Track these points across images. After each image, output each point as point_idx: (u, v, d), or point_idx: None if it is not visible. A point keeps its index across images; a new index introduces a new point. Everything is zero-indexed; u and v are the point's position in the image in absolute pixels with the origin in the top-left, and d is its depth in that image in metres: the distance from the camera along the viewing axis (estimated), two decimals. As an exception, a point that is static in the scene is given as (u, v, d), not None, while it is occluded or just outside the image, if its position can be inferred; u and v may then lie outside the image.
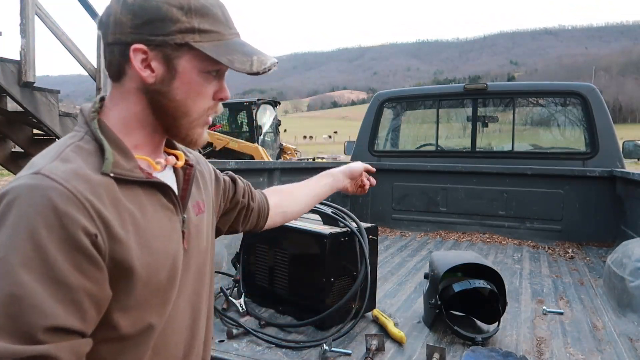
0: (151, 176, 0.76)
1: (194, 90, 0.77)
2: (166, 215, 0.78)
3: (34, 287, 0.59)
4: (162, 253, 0.74)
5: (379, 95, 4.47)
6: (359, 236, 1.79)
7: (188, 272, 0.83)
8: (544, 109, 4.27)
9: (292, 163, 4.59)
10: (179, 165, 0.86)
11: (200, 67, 0.76)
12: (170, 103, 0.76)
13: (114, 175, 0.70)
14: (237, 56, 0.76)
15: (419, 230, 3.96)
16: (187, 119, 0.78)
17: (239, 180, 1.14)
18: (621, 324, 1.83)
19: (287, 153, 13.46)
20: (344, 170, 1.41)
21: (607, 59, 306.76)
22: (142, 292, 0.71)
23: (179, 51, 0.74)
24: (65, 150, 0.71)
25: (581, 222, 3.54)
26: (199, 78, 0.77)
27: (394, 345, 1.61)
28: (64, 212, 0.62)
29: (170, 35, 0.73)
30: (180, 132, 0.79)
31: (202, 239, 0.88)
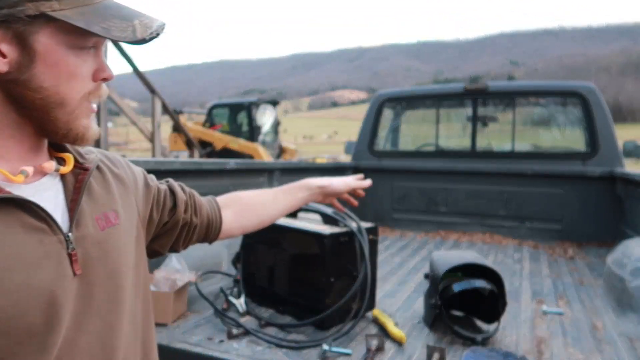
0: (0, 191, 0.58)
1: (64, 72, 0.60)
2: (33, 238, 0.60)
3: None
4: (24, 288, 0.57)
5: (379, 95, 4.47)
6: (359, 236, 1.79)
7: (90, 303, 0.65)
8: (544, 109, 4.27)
9: (292, 163, 4.59)
10: (64, 170, 0.68)
11: (69, 42, 0.60)
12: (35, 94, 0.60)
13: None
14: (114, 22, 0.60)
15: (419, 230, 3.96)
16: (63, 110, 0.62)
17: (179, 191, 0.95)
18: (621, 324, 1.83)
19: (287, 153, 13.47)
20: (323, 187, 1.24)
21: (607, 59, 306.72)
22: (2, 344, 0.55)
23: (34, 25, 0.57)
24: None
25: (581, 222, 3.54)
26: (69, 56, 0.60)
27: (394, 345, 1.61)
28: None
29: (18, 6, 0.56)
30: (58, 129, 0.63)
31: (113, 258, 0.70)
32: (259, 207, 1.09)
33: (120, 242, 0.72)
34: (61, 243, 0.63)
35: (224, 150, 11.23)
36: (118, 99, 5.09)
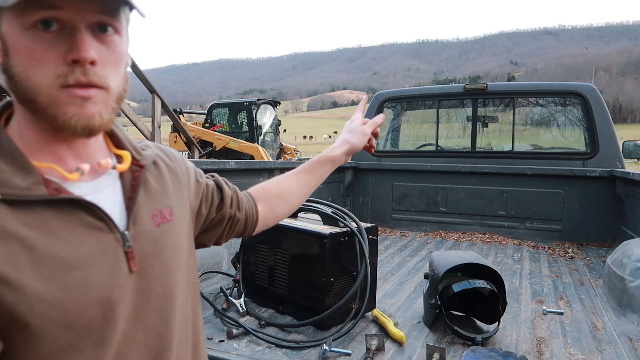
0: (60, 191, 0.60)
1: (24, 55, 0.57)
2: (91, 236, 0.61)
3: None
4: (83, 285, 0.59)
5: (379, 95, 4.47)
6: (359, 236, 1.79)
7: (147, 298, 0.67)
8: (544, 109, 4.27)
9: (292, 163, 4.59)
10: (121, 168, 0.69)
11: (18, 23, 0.57)
12: (13, 82, 0.59)
13: (2, 198, 0.56)
14: None
15: (419, 230, 3.96)
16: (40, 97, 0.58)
17: (225, 187, 0.96)
18: (621, 324, 1.83)
19: (287, 153, 13.46)
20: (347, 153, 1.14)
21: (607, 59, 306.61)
22: (63, 336, 0.57)
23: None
24: None
25: (581, 222, 3.54)
26: (24, 38, 0.57)
27: (394, 345, 1.61)
28: None
29: None
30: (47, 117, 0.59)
31: (167, 253, 0.71)
32: (287, 195, 1.07)
33: (174, 238, 0.73)
34: (118, 241, 0.64)
35: (224, 150, 11.22)
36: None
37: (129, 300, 0.64)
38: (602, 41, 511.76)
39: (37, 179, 0.59)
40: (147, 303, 0.67)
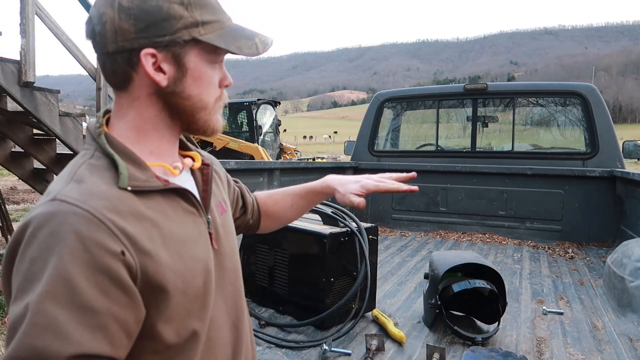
0: (168, 182, 0.74)
1: (205, 83, 0.75)
2: (190, 219, 0.75)
3: (58, 315, 0.57)
4: (193, 258, 0.73)
5: (379, 95, 4.47)
6: (359, 236, 1.79)
7: (224, 272, 0.82)
8: (544, 109, 4.27)
9: (292, 163, 4.59)
10: (196, 167, 0.83)
11: (208, 59, 0.75)
12: (186, 102, 0.75)
13: (131, 189, 0.68)
14: (242, 42, 0.75)
15: (419, 230, 3.96)
16: (205, 111, 0.77)
17: (247, 195, 1.10)
18: (621, 324, 1.83)
19: (287, 153, 13.47)
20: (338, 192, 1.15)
21: (607, 59, 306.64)
22: (181, 301, 0.69)
23: (186, 47, 0.72)
24: (78, 170, 0.69)
25: (581, 222, 3.54)
26: (208, 70, 0.75)
27: (394, 345, 1.61)
28: (85, 235, 0.60)
29: (177, 33, 0.70)
30: (200, 126, 0.78)
31: (230, 237, 0.87)
32: (281, 213, 1.19)
33: (231, 225, 0.90)
34: (204, 224, 0.79)
35: (223, 150, 11.23)
36: (118, 99, 5.09)
37: (217, 274, 0.79)
38: (602, 41, 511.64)
39: (151, 174, 0.72)
40: (223, 277, 0.82)
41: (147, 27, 0.69)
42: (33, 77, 4.01)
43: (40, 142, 5.05)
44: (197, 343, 0.73)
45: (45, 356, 0.56)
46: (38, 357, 0.56)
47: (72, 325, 0.57)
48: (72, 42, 4.51)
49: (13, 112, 4.27)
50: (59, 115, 4.37)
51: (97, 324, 0.59)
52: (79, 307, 0.58)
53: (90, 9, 0.72)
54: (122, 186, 0.67)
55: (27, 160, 5.48)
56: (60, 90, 4.55)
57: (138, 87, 0.73)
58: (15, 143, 5.13)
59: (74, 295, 0.58)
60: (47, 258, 0.59)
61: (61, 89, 4.63)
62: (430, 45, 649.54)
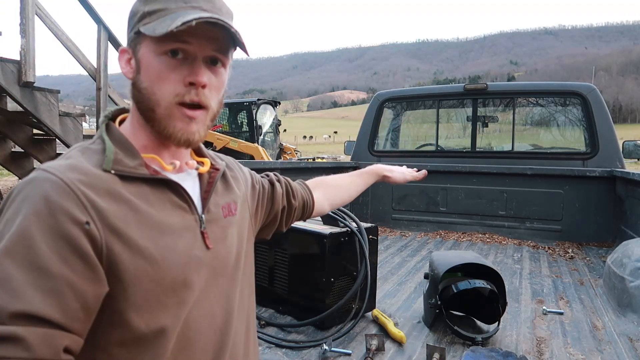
0: (158, 174, 0.75)
1: (153, 75, 0.74)
2: (177, 212, 0.76)
3: (14, 272, 0.58)
4: (171, 249, 0.73)
5: (379, 95, 4.47)
6: (359, 236, 1.79)
7: (215, 273, 0.81)
8: (544, 109, 4.27)
9: (292, 163, 4.59)
10: (202, 170, 0.85)
11: (154, 49, 0.73)
12: (140, 94, 0.75)
13: (115, 172, 0.71)
14: (164, 23, 0.71)
15: (419, 230, 3.96)
16: (158, 107, 0.74)
17: (277, 184, 1.11)
18: (621, 324, 1.83)
19: (287, 153, 13.46)
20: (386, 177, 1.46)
21: (607, 59, 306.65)
22: (153, 290, 0.69)
23: (138, 40, 0.75)
24: (72, 151, 0.74)
25: (581, 222, 3.54)
26: (156, 61, 0.73)
27: (394, 345, 1.61)
28: (52, 200, 0.62)
29: (134, 28, 0.75)
30: (158, 126, 0.75)
31: (233, 240, 0.86)
32: (341, 188, 1.31)
33: (237, 229, 0.89)
34: (196, 221, 0.79)
35: (224, 150, 11.22)
36: (118, 99, 5.08)
37: (203, 273, 0.78)
38: (602, 41, 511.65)
39: (141, 162, 0.74)
40: (215, 279, 0.80)
41: (128, 27, 0.77)
42: (33, 77, 4.01)
43: (40, 142, 5.06)
44: (166, 340, 0.72)
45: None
46: None
47: (24, 284, 0.58)
48: (72, 42, 4.51)
49: (13, 112, 4.26)
50: (59, 115, 4.37)
51: (51, 288, 0.59)
52: (35, 268, 0.59)
53: None
54: (106, 168, 0.70)
55: (27, 160, 5.48)
56: (60, 90, 4.55)
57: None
58: (15, 143, 5.13)
59: (31, 255, 0.59)
60: (15, 219, 0.62)
61: (61, 89, 4.63)
62: (430, 45, 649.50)
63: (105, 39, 4.69)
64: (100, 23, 4.64)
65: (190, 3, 0.74)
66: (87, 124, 14.12)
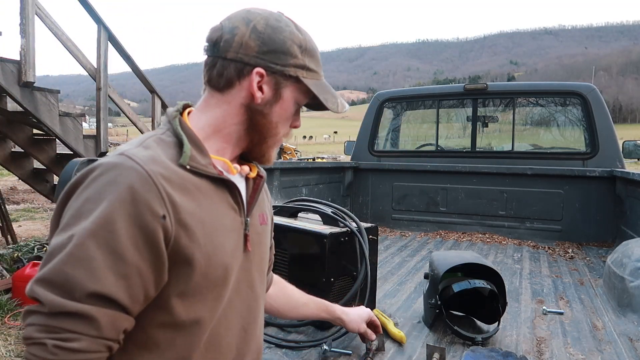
0: (223, 174, 0.81)
1: (285, 116, 0.86)
2: (230, 214, 0.82)
3: (94, 253, 0.64)
4: (222, 247, 0.78)
5: (379, 95, 4.47)
6: (358, 236, 1.79)
7: (249, 275, 0.87)
8: (544, 109, 4.27)
9: (292, 163, 4.59)
10: (251, 175, 0.92)
11: (298, 98, 0.86)
12: (266, 123, 0.85)
13: (189, 168, 0.76)
14: (329, 96, 0.87)
15: (419, 230, 3.96)
16: (272, 139, 0.87)
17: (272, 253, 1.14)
18: (621, 324, 1.83)
19: (287, 153, 13.47)
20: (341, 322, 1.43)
21: (607, 59, 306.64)
22: (200, 282, 0.75)
23: (288, 81, 0.84)
24: (148, 140, 0.78)
25: (581, 222, 3.54)
26: (292, 107, 0.87)
27: (394, 345, 1.61)
28: (137, 191, 0.68)
29: (287, 67, 0.83)
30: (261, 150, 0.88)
31: (262, 247, 0.93)
32: (292, 302, 1.29)
33: (266, 238, 0.96)
34: (242, 224, 0.85)
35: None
36: (118, 99, 5.08)
37: (239, 274, 0.84)
38: (602, 41, 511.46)
39: (210, 162, 0.80)
40: (248, 280, 0.86)
41: (268, 52, 0.82)
42: (33, 77, 4.01)
43: (40, 142, 5.06)
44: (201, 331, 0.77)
45: (73, 284, 0.63)
46: (66, 283, 0.63)
47: (103, 266, 0.64)
48: (72, 42, 4.52)
49: (13, 112, 4.26)
50: (58, 115, 4.37)
51: (124, 273, 0.66)
52: (114, 252, 0.65)
53: (225, 20, 0.84)
54: (182, 163, 0.76)
55: (27, 160, 5.48)
56: (60, 90, 4.55)
57: (234, 94, 0.83)
58: (15, 143, 5.13)
59: (113, 240, 0.65)
60: (100, 201, 0.67)
61: (61, 89, 4.64)
62: (430, 45, 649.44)
63: (105, 39, 4.69)
64: (100, 23, 4.64)
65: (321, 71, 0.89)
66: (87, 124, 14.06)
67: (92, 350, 0.63)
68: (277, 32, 0.81)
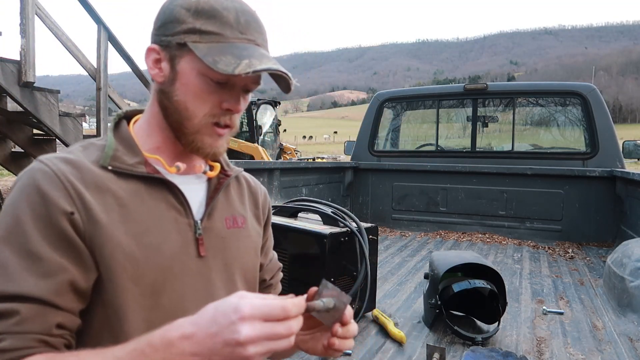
0: (157, 173, 0.75)
1: (191, 92, 0.74)
2: (170, 214, 0.75)
3: (10, 258, 0.63)
4: (156, 250, 0.71)
5: (379, 95, 4.47)
6: (358, 236, 1.79)
7: (207, 283, 0.77)
8: (544, 109, 4.27)
9: (292, 163, 4.59)
10: (211, 174, 0.83)
11: (202, 69, 0.72)
12: (170, 104, 0.75)
13: (112, 169, 0.72)
14: (226, 58, 0.70)
15: (419, 230, 3.96)
16: (188, 122, 0.75)
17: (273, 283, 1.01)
18: (621, 324, 1.83)
19: (287, 153, 13.46)
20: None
21: (607, 59, 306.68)
22: (131, 291, 0.68)
23: (181, 51, 0.73)
24: (75, 146, 0.76)
25: (581, 222, 3.54)
26: (198, 80, 0.73)
27: (394, 345, 1.61)
28: (44, 190, 0.66)
29: (176, 35, 0.73)
30: (187, 139, 0.76)
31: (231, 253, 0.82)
32: None
33: (241, 243, 0.85)
34: (190, 226, 0.77)
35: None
36: (118, 99, 5.08)
37: (192, 281, 0.75)
38: (602, 41, 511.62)
39: (140, 161, 0.74)
40: (203, 289, 0.77)
41: (161, 26, 0.75)
42: (33, 77, 4.01)
43: (40, 142, 5.06)
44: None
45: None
46: None
47: (19, 269, 0.63)
48: (72, 42, 4.51)
49: (13, 112, 4.27)
50: (58, 115, 4.37)
51: (43, 272, 0.64)
52: (29, 253, 0.63)
53: None
54: (103, 164, 0.72)
55: (27, 160, 5.48)
56: (60, 90, 4.55)
57: (153, 82, 0.78)
58: (15, 143, 5.13)
59: (25, 242, 0.64)
60: (10, 206, 0.67)
61: (61, 89, 4.64)
62: (430, 45, 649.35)
63: (105, 39, 4.69)
64: (100, 23, 4.64)
65: (245, 35, 0.73)
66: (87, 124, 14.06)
67: (19, 347, 0.61)
68: (171, 3, 0.75)
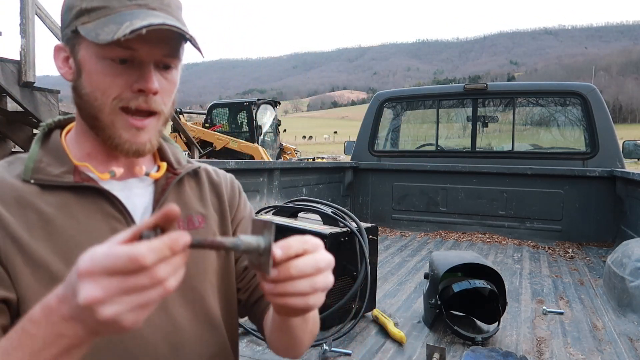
0: (89, 181, 0.68)
1: (95, 80, 0.65)
2: (107, 224, 0.68)
3: None
4: None
5: (379, 95, 4.47)
6: (358, 236, 1.79)
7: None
8: (544, 109, 4.27)
9: (292, 163, 4.59)
10: (154, 176, 0.75)
11: (97, 52, 0.64)
12: (82, 100, 0.68)
13: (35, 182, 0.67)
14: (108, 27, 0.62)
15: (419, 230, 3.96)
16: (102, 114, 0.66)
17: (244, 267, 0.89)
18: (621, 324, 1.83)
19: (287, 153, 13.46)
20: None
21: (607, 59, 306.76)
22: None
23: (77, 39, 0.66)
24: (1, 161, 0.71)
25: (581, 222, 3.54)
26: (99, 66, 0.65)
27: (394, 345, 1.61)
28: None
29: (70, 24, 0.66)
30: (103, 135, 0.68)
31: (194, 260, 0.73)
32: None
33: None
34: None
35: (224, 150, 11.22)
36: (118, 99, 5.09)
37: None
38: (602, 41, 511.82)
39: (68, 170, 0.68)
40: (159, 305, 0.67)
41: (61, 22, 0.69)
42: (33, 77, 4.01)
43: (40, 142, 5.05)
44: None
45: None
46: None
47: None
48: (72, 42, 4.52)
49: (13, 112, 4.27)
50: (58, 115, 4.37)
51: None
52: None
53: None
54: (24, 178, 0.67)
55: (27, 160, 5.48)
56: (60, 90, 4.55)
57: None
58: (15, 143, 5.13)
59: None
60: None
61: (61, 89, 4.63)
62: (430, 45, 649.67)
63: (105, 39, 4.69)
64: (100, 23, 4.64)
65: (135, 0, 0.65)
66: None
67: None
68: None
